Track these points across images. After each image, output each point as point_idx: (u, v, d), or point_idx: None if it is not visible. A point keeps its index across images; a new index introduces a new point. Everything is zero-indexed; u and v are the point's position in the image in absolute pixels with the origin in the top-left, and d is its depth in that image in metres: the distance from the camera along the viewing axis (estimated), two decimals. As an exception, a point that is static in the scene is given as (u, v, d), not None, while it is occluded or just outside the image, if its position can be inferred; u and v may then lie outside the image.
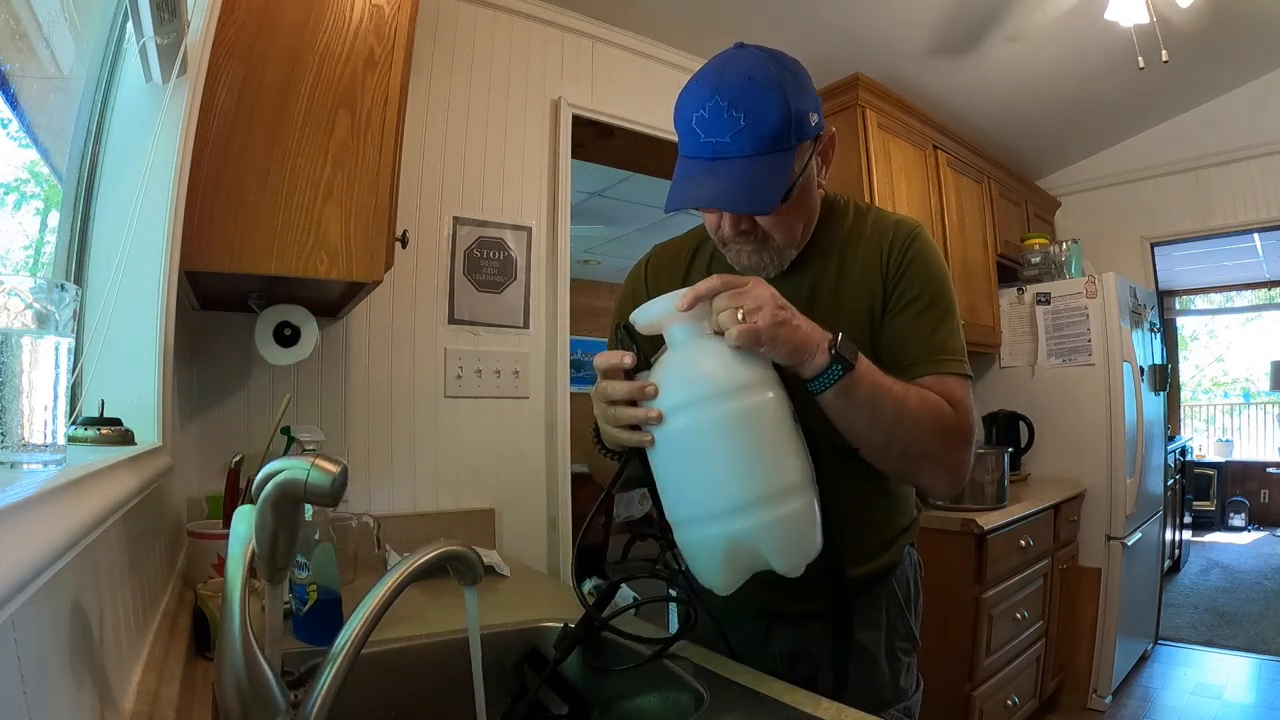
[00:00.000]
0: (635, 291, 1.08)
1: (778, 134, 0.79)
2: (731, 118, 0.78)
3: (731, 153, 0.79)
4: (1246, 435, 7.18)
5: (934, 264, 0.92)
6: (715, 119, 0.79)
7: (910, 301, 0.90)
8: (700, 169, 0.81)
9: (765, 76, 0.79)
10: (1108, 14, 2.09)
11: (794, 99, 0.79)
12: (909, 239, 0.92)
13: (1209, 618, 3.86)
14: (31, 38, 0.91)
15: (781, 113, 0.78)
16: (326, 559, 0.99)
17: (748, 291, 0.72)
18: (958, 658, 2.07)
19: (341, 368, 1.69)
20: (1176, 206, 3.29)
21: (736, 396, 0.72)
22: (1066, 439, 2.82)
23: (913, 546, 1.06)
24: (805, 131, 0.82)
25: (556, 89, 2.06)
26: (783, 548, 0.73)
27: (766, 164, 0.79)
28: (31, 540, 0.34)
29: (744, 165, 0.79)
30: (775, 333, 0.71)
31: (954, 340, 0.90)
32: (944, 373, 0.88)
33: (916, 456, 0.84)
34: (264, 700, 0.57)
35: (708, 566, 0.75)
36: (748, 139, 0.78)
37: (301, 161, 1.17)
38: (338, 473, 0.55)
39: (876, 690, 0.95)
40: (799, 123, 0.80)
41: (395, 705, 0.94)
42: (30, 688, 0.35)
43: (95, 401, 0.85)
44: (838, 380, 0.75)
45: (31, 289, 0.46)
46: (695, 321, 0.75)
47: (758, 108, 0.78)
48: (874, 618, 0.98)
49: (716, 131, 0.79)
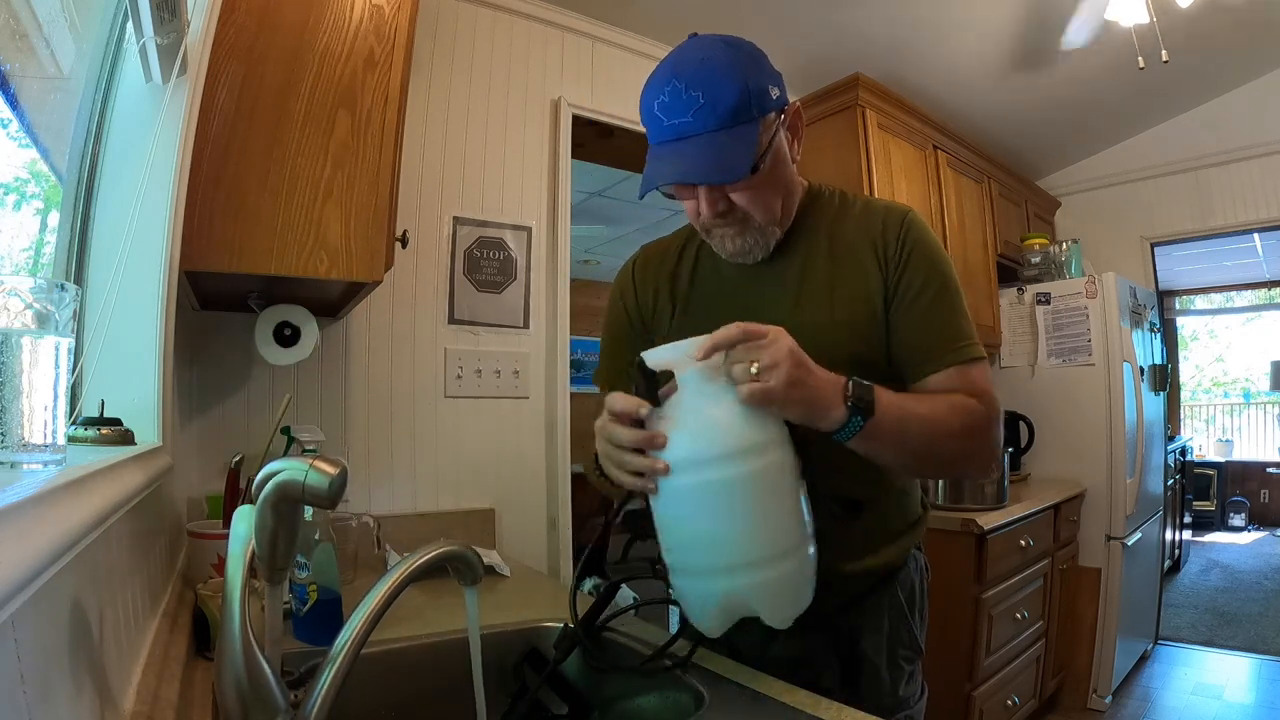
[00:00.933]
0: (623, 290, 1.08)
1: (737, 108, 0.80)
2: (690, 97, 0.80)
3: (695, 130, 0.80)
4: (1246, 435, 7.18)
5: (933, 249, 0.92)
6: (675, 101, 0.81)
7: (919, 293, 0.89)
8: (667, 151, 0.83)
9: (719, 56, 0.82)
10: (1108, 14, 2.09)
11: (750, 74, 0.81)
12: (904, 227, 0.92)
13: (1209, 618, 3.86)
14: (31, 38, 0.91)
15: (739, 87, 0.80)
16: (326, 559, 0.99)
17: (766, 345, 0.71)
18: (958, 658, 2.07)
19: (341, 368, 1.69)
20: (1176, 206, 3.29)
21: (744, 459, 0.71)
22: (1066, 439, 2.82)
23: (919, 550, 1.05)
24: (766, 104, 0.83)
25: (556, 89, 2.06)
26: (776, 604, 0.75)
27: (730, 136, 0.80)
28: (31, 540, 0.34)
29: (708, 140, 0.80)
30: (789, 394, 0.70)
31: (966, 324, 0.90)
32: (964, 361, 0.88)
33: (951, 463, 0.87)
34: (264, 700, 0.57)
35: (699, 612, 0.77)
36: (709, 115, 0.80)
37: (301, 161, 1.17)
38: (336, 474, 0.55)
39: (876, 698, 0.94)
40: (759, 95, 0.81)
41: (395, 705, 0.94)
42: (30, 688, 0.35)
43: (95, 401, 0.85)
44: (860, 429, 0.75)
45: (31, 289, 0.46)
46: (707, 369, 0.73)
47: (715, 85, 0.80)
48: (876, 623, 0.97)
49: (678, 113, 0.81)
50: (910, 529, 1.01)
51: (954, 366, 0.88)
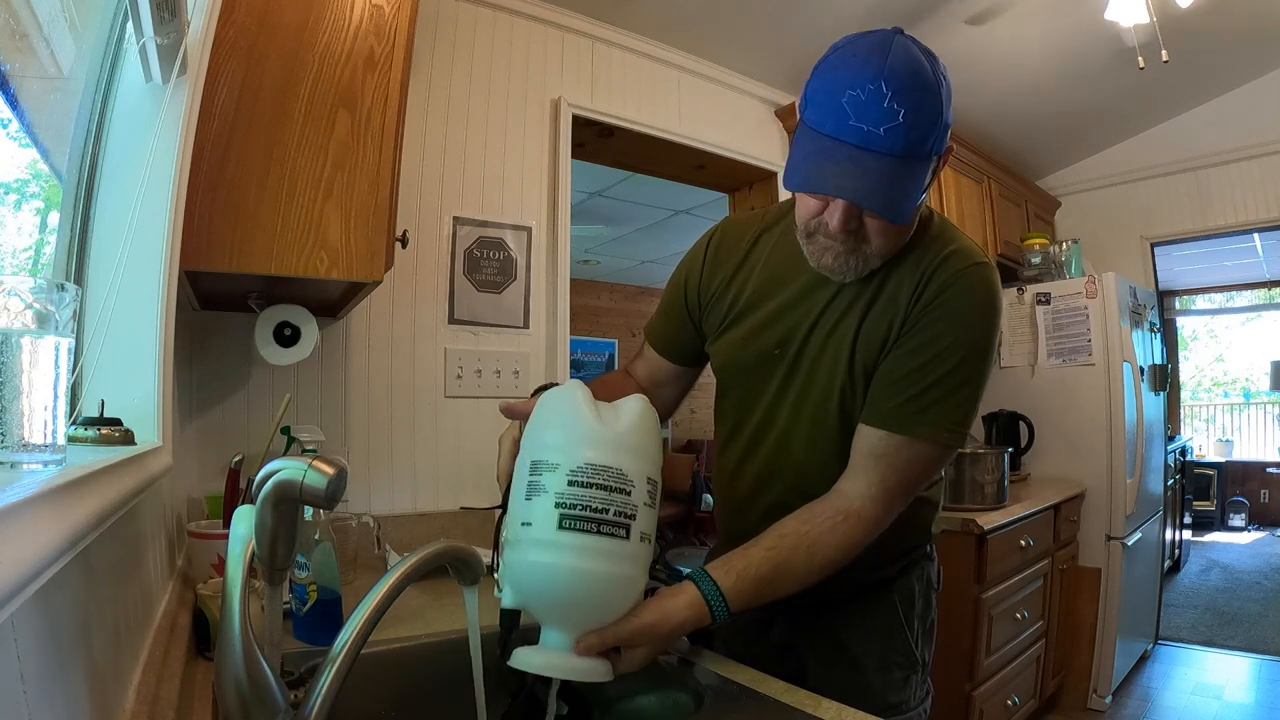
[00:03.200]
0: (690, 268, 1.03)
1: (927, 140, 0.73)
2: (891, 110, 0.71)
3: (881, 148, 0.72)
4: (1246, 435, 7.18)
5: (963, 318, 0.82)
6: (873, 106, 0.71)
7: (915, 349, 0.82)
8: (842, 154, 0.73)
9: (928, 76, 0.73)
10: (1108, 14, 2.09)
11: (946, 107, 0.75)
12: (951, 275, 0.82)
13: (1209, 618, 3.86)
14: (31, 38, 0.91)
15: (935, 119, 0.73)
16: (326, 559, 0.99)
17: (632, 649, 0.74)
18: (958, 658, 2.06)
19: (341, 368, 1.69)
20: (1176, 206, 3.29)
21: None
22: (1066, 439, 2.82)
23: (930, 560, 1.03)
24: (941, 145, 0.77)
25: (556, 89, 2.06)
26: None
27: (910, 169, 0.73)
28: (31, 540, 0.34)
29: (891, 165, 0.72)
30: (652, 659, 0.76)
31: (953, 409, 0.82)
32: (915, 435, 0.81)
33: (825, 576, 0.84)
34: (264, 700, 0.57)
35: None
36: (900, 137, 0.71)
37: (301, 161, 1.17)
38: (334, 475, 0.55)
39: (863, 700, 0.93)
40: (943, 134, 0.76)
41: (395, 705, 0.94)
42: (30, 688, 0.35)
43: (95, 401, 0.85)
44: (728, 617, 0.78)
45: (31, 289, 0.46)
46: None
47: (919, 108, 0.72)
48: (868, 624, 0.97)
49: (871, 120, 0.71)
50: (911, 547, 1.00)
51: (900, 437, 0.81)
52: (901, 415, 0.82)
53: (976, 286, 0.83)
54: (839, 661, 0.95)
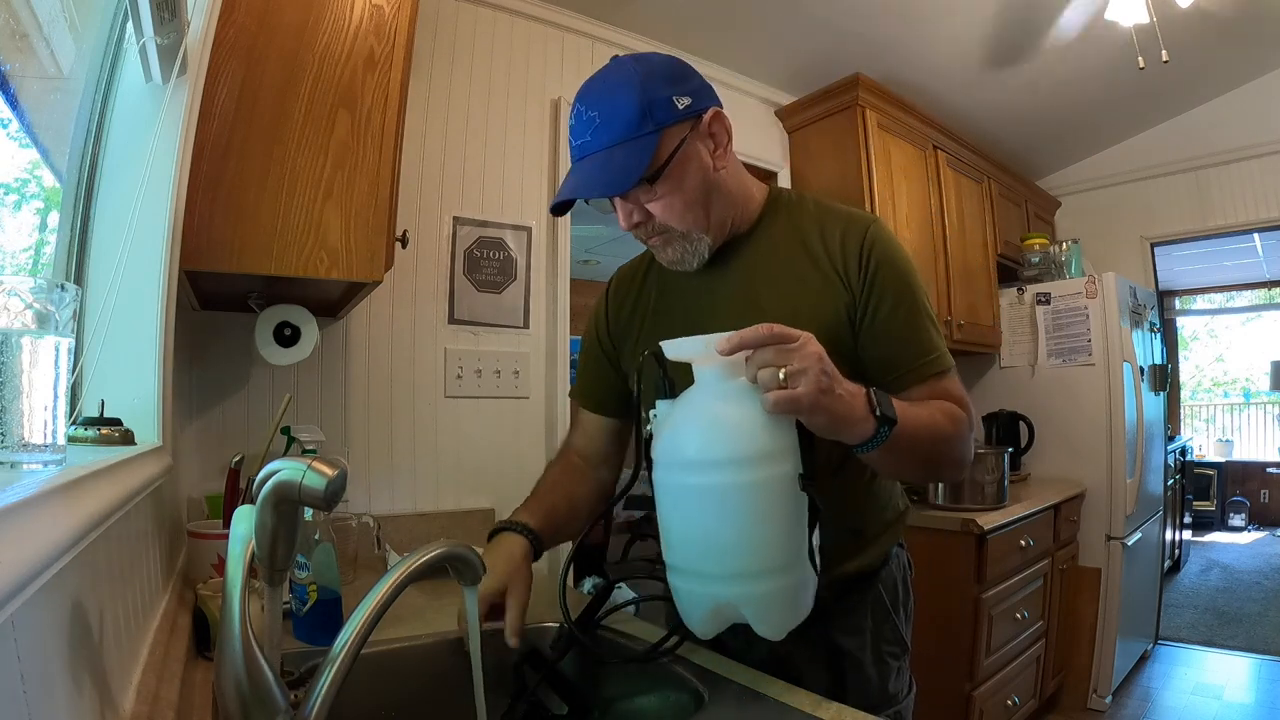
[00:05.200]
0: (598, 313, 1.11)
1: (631, 122, 0.82)
2: (589, 117, 0.85)
3: (593, 148, 0.84)
4: (1246, 435, 7.17)
5: (899, 263, 0.91)
6: (578, 123, 0.86)
7: (892, 310, 0.89)
8: (573, 170, 0.87)
9: (619, 75, 0.85)
10: (1108, 14, 2.09)
11: (649, 88, 0.83)
12: (867, 242, 0.90)
13: (1209, 618, 3.86)
14: (31, 38, 0.91)
15: (632, 102, 0.83)
16: (326, 559, 0.99)
17: (795, 350, 0.68)
18: (958, 658, 2.07)
19: (341, 368, 1.69)
20: (1176, 206, 3.29)
21: (754, 467, 0.68)
22: (1066, 439, 2.82)
23: (901, 547, 1.05)
24: (668, 115, 0.84)
25: (556, 89, 2.06)
26: (770, 617, 0.74)
27: (624, 150, 0.83)
28: (31, 540, 0.34)
29: (602, 156, 0.84)
30: (816, 401, 0.67)
31: (937, 335, 0.91)
32: (939, 372, 0.89)
33: (942, 467, 0.89)
34: (264, 700, 0.57)
35: (692, 614, 0.76)
36: (604, 132, 0.84)
37: (301, 161, 1.17)
38: (334, 476, 0.55)
39: (864, 695, 0.94)
40: (658, 107, 0.83)
41: (395, 705, 0.94)
42: (30, 688, 0.35)
43: (95, 401, 0.85)
44: (884, 441, 0.74)
45: (31, 289, 0.46)
46: (727, 366, 0.70)
47: (608, 103, 0.84)
48: (859, 623, 0.97)
49: (580, 134, 0.86)
50: (889, 529, 1.01)
51: (930, 378, 0.89)
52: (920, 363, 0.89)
53: (888, 236, 0.93)
54: (835, 663, 0.95)
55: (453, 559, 0.68)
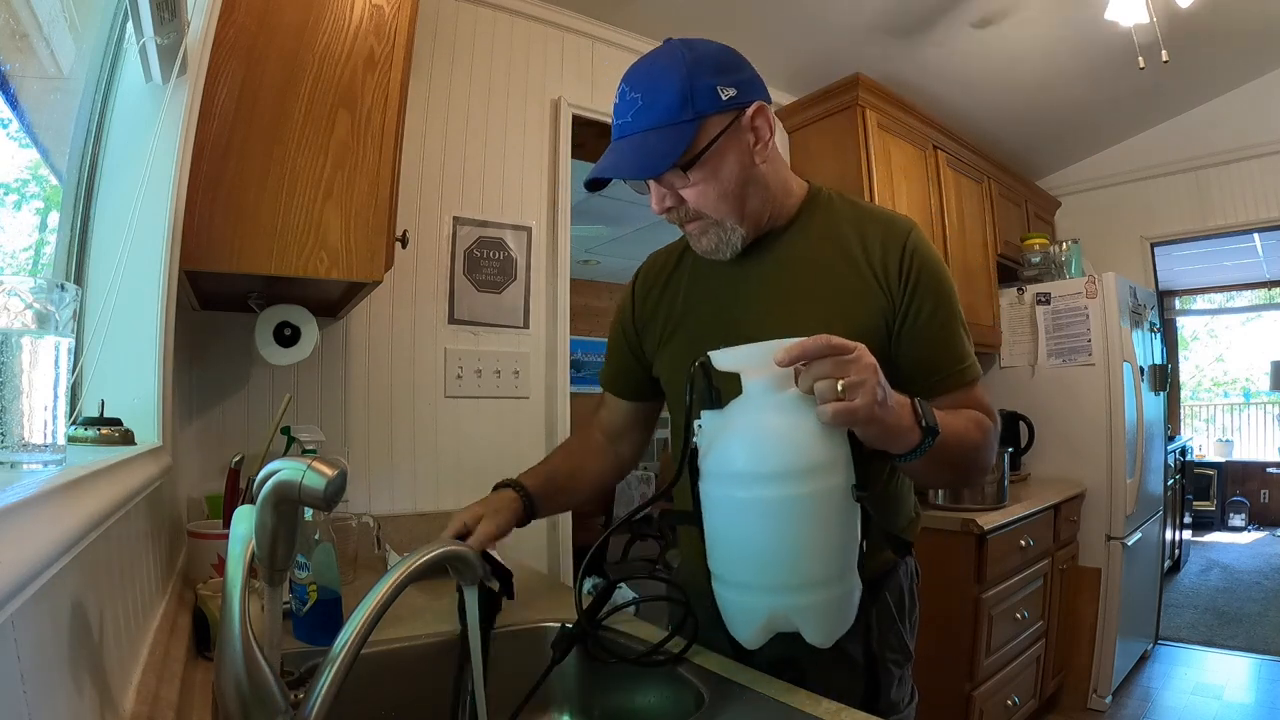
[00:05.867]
0: (624, 300, 1.11)
1: (672, 107, 0.82)
2: (631, 99, 0.85)
3: (632, 130, 0.85)
4: (1246, 435, 7.17)
5: (938, 270, 0.92)
6: (621, 102, 0.86)
7: (931, 316, 0.90)
8: (610, 149, 0.87)
9: (666, 59, 0.85)
10: (1108, 14, 2.09)
11: (694, 75, 0.83)
12: (908, 248, 0.91)
13: (1209, 618, 3.86)
14: (31, 38, 0.91)
15: (676, 88, 0.82)
16: (326, 559, 0.99)
17: (852, 361, 0.68)
18: (958, 658, 2.07)
19: (341, 368, 1.69)
20: (1176, 206, 3.29)
21: (808, 479, 0.68)
22: (1066, 439, 2.82)
23: (910, 555, 1.04)
24: (710, 104, 0.84)
25: (556, 89, 2.06)
26: (823, 626, 0.74)
27: (661, 135, 0.83)
28: (31, 540, 0.34)
29: (639, 138, 0.84)
30: (872, 413, 0.67)
31: (969, 343, 0.93)
32: (969, 381, 0.92)
33: (969, 473, 0.90)
34: (264, 700, 0.57)
35: (741, 625, 0.76)
36: (644, 115, 0.84)
37: (301, 161, 1.17)
38: (333, 476, 0.55)
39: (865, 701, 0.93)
40: (702, 95, 0.83)
41: (396, 705, 0.94)
42: (30, 688, 0.35)
43: (95, 401, 0.85)
44: (926, 451, 0.74)
45: (31, 289, 0.46)
46: (777, 377, 0.70)
47: (652, 87, 0.84)
48: (864, 627, 0.97)
49: (621, 114, 0.86)
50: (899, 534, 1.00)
51: (962, 386, 0.91)
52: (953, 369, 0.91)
53: (926, 243, 0.93)
54: (837, 669, 0.95)
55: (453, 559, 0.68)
